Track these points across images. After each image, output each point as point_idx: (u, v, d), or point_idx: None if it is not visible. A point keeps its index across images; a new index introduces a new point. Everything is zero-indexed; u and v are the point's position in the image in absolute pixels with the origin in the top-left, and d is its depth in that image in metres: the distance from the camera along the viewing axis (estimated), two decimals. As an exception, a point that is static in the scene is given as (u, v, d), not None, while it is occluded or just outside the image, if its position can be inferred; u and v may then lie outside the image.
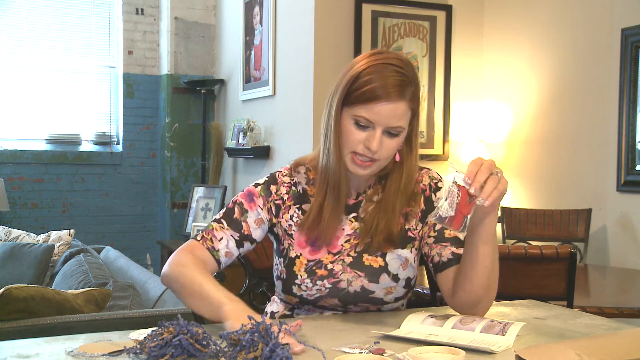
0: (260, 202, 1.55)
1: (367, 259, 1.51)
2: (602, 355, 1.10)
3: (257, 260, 1.91)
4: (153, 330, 1.13)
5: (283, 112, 4.51)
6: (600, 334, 1.34)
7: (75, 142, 5.59)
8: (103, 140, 5.66)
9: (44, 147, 5.47)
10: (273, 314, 1.61)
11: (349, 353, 1.15)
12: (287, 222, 1.55)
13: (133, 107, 5.69)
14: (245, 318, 1.16)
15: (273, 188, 1.56)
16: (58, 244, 3.76)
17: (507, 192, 1.32)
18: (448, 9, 4.44)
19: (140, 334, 1.24)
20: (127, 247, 5.56)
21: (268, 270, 1.78)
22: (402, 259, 1.52)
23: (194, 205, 5.11)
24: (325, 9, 4.10)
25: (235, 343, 1.08)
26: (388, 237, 1.51)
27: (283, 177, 1.58)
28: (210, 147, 5.45)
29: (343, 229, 1.54)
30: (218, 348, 1.09)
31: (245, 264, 1.88)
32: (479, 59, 4.56)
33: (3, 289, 2.20)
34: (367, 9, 4.20)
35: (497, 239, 1.43)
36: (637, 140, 3.47)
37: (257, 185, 1.57)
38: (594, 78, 3.74)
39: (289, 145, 4.42)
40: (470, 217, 1.32)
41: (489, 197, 1.28)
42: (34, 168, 5.40)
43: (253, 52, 4.95)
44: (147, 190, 5.78)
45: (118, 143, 5.71)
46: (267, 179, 1.58)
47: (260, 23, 4.82)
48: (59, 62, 5.51)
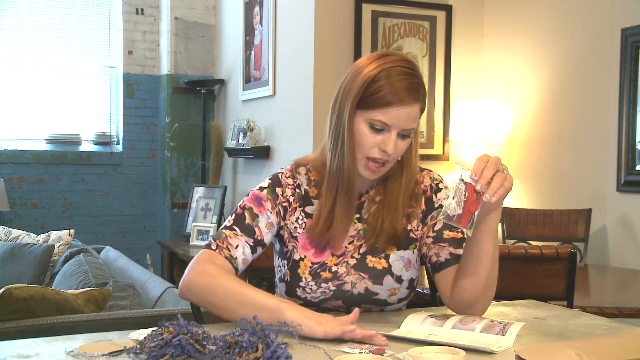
0: (269, 205, 1.53)
1: (370, 261, 1.51)
2: (602, 355, 1.10)
3: (257, 261, 1.91)
4: (153, 330, 1.13)
5: (283, 112, 4.51)
6: (600, 334, 1.34)
7: (75, 142, 5.59)
8: (103, 140, 5.66)
9: (44, 147, 5.47)
10: None
11: (349, 353, 1.15)
12: (292, 224, 1.54)
13: (133, 107, 5.69)
14: (317, 319, 1.25)
15: (279, 190, 1.54)
16: (58, 244, 3.76)
17: (512, 189, 1.33)
18: (448, 9, 4.44)
19: (140, 334, 1.24)
20: (127, 247, 5.56)
21: (268, 270, 1.78)
22: (405, 260, 1.52)
23: (194, 205, 5.11)
24: (325, 9, 4.10)
25: (231, 345, 1.08)
26: (392, 236, 1.51)
27: (286, 179, 1.56)
28: (210, 147, 5.45)
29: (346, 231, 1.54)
30: (218, 349, 1.09)
31: (245, 264, 1.87)
32: (479, 59, 4.56)
33: (3, 289, 2.20)
34: (367, 9, 4.20)
35: (498, 238, 1.43)
36: (637, 140, 3.47)
37: (262, 189, 1.54)
38: (594, 78, 3.75)
39: (289, 145, 4.42)
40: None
41: (496, 193, 1.29)
42: (34, 168, 5.40)
43: (253, 52, 4.95)
44: (147, 190, 5.78)
45: (118, 143, 5.71)
46: (270, 182, 1.56)
47: (260, 23, 4.82)
48: (59, 62, 5.51)
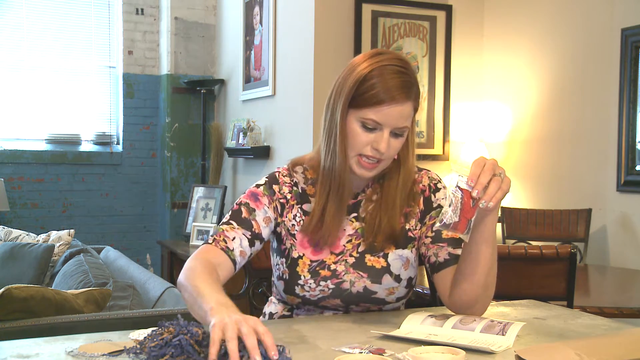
0: (266, 200, 1.53)
1: (369, 260, 1.52)
2: (602, 355, 1.10)
3: (256, 260, 1.91)
4: (153, 330, 1.13)
5: (283, 112, 4.51)
6: (600, 334, 1.34)
7: (75, 142, 5.59)
8: (103, 140, 5.66)
9: (44, 147, 5.47)
10: (272, 315, 1.61)
11: (349, 353, 1.15)
12: (290, 221, 1.55)
13: (133, 107, 5.69)
14: (225, 318, 1.07)
15: (276, 187, 1.55)
16: (58, 244, 3.75)
17: (510, 190, 1.32)
18: (448, 9, 4.44)
19: (140, 334, 1.24)
20: (127, 247, 5.56)
21: (268, 270, 1.78)
22: (403, 259, 1.53)
23: (194, 205, 5.11)
24: (325, 9, 4.10)
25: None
26: (391, 234, 1.51)
27: (283, 177, 1.57)
28: (210, 147, 5.45)
29: (344, 230, 1.54)
30: (222, 351, 1.08)
31: (245, 264, 1.87)
32: (479, 59, 4.56)
33: (3, 289, 2.20)
34: (367, 9, 4.20)
35: (496, 239, 1.43)
36: (637, 140, 3.47)
37: (258, 186, 1.56)
38: (594, 78, 3.74)
39: (289, 145, 4.42)
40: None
41: (493, 198, 1.28)
42: (34, 168, 5.40)
43: (253, 52, 4.95)
44: (147, 190, 5.78)
45: (118, 143, 5.71)
46: (267, 179, 1.57)
47: (260, 23, 4.82)
48: (59, 62, 5.51)
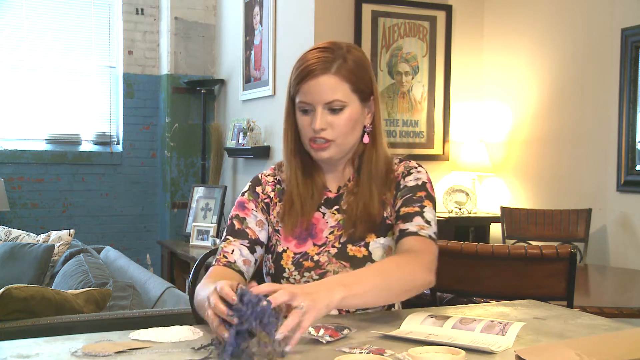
0: (252, 205, 1.59)
1: (351, 250, 1.54)
2: (602, 355, 1.10)
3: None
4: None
5: (283, 112, 4.50)
6: (600, 334, 1.34)
7: (75, 142, 5.59)
8: (103, 140, 5.66)
9: (44, 147, 5.47)
10: None
11: (349, 353, 1.15)
12: (275, 218, 1.60)
13: (133, 107, 5.69)
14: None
15: (259, 189, 1.62)
16: (58, 244, 3.75)
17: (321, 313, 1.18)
18: (448, 9, 4.44)
19: (140, 334, 1.24)
20: (127, 247, 5.56)
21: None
22: (385, 247, 1.55)
23: (194, 205, 5.11)
24: (325, 9, 4.10)
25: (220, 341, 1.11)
26: (368, 220, 1.53)
27: (266, 177, 1.64)
28: (210, 147, 5.45)
29: (327, 222, 1.57)
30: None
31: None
32: (479, 59, 4.56)
33: (3, 289, 2.20)
34: (367, 9, 4.20)
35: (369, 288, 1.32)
36: (637, 140, 3.47)
37: (243, 194, 1.62)
38: (594, 78, 3.75)
39: (289, 145, 4.41)
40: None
41: (289, 341, 1.12)
42: (34, 168, 5.40)
43: (253, 52, 4.95)
44: (147, 190, 5.78)
45: (118, 143, 5.71)
46: (251, 184, 1.63)
47: (260, 23, 4.82)
48: (59, 62, 5.51)
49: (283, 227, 1.57)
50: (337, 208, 1.58)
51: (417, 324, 1.33)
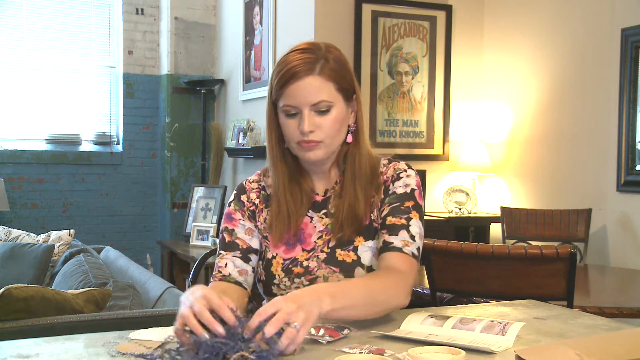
0: (239, 215, 1.58)
1: (339, 254, 1.53)
2: (602, 355, 1.10)
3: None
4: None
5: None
6: (600, 334, 1.34)
7: (75, 142, 5.59)
8: (103, 140, 5.66)
9: (44, 147, 5.47)
10: None
11: (349, 353, 1.15)
12: (262, 224, 1.58)
13: (133, 107, 5.69)
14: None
15: (244, 197, 1.59)
16: (58, 244, 3.75)
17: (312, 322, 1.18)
18: (448, 9, 4.44)
19: (140, 334, 1.24)
20: (127, 247, 5.56)
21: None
22: (373, 250, 1.53)
23: (194, 205, 5.11)
24: (325, 9, 4.10)
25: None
26: (355, 221, 1.52)
27: (250, 183, 1.62)
28: (210, 147, 5.45)
29: (315, 227, 1.56)
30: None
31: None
32: (479, 59, 4.56)
33: (3, 289, 2.20)
34: (367, 9, 4.20)
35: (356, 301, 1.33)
36: (637, 140, 3.47)
37: (229, 204, 1.60)
38: (594, 78, 3.75)
39: (289, 145, 4.41)
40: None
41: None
42: (34, 168, 5.40)
43: (253, 52, 4.95)
44: (147, 190, 5.78)
45: (118, 143, 5.71)
46: (236, 193, 1.61)
47: (260, 23, 4.82)
48: (59, 62, 5.51)
49: (271, 234, 1.55)
50: (325, 212, 1.56)
51: (417, 324, 1.33)
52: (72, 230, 3.97)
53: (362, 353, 1.15)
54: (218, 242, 1.59)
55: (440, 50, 4.43)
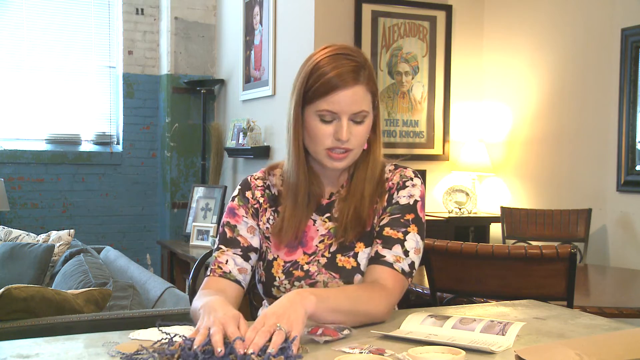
0: (242, 211, 1.56)
1: (340, 260, 1.52)
2: (602, 355, 1.10)
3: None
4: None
5: (283, 112, 4.50)
6: (600, 334, 1.34)
7: (75, 142, 5.59)
8: (103, 140, 5.66)
9: (44, 147, 5.47)
10: None
11: (349, 353, 1.15)
12: (264, 224, 1.56)
13: (133, 107, 5.69)
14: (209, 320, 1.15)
15: (248, 194, 1.57)
16: (58, 244, 3.75)
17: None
18: (448, 9, 4.44)
19: (140, 334, 1.24)
20: (127, 247, 5.56)
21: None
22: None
23: (194, 205, 5.11)
24: (325, 9, 4.10)
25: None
26: (359, 224, 1.50)
27: (255, 180, 1.59)
28: (210, 147, 5.45)
29: (317, 230, 1.54)
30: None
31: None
32: (479, 59, 4.56)
33: (3, 289, 2.20)
34: (367, 9, 4.20)
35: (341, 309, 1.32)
36: (637, 140, 3.48)
37: (233, 199, 1.58)
38: (594, 78, 3.75)
39: (289, 145, 4.41)
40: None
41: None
42: (34, 168, 5.40)
43: (253, 52, 4.95)
44: (147, 190, 5.78)
45: (118, 143, 5.71)
46: (240, 188, 1.59)
47: (260, 23, 4.82)
48: (59, 62, 5.51)
49: (279, 237, 1.53)
50: (328, 216, 1.55)
51: (417, 324, 1.33)
52: (72, 230, 3.97)
53: (362, 353, 1.15)
54: (218, 235, 1.57)
55: (440, 50, 4.43)
